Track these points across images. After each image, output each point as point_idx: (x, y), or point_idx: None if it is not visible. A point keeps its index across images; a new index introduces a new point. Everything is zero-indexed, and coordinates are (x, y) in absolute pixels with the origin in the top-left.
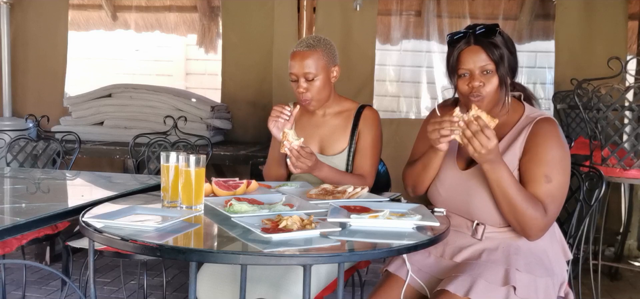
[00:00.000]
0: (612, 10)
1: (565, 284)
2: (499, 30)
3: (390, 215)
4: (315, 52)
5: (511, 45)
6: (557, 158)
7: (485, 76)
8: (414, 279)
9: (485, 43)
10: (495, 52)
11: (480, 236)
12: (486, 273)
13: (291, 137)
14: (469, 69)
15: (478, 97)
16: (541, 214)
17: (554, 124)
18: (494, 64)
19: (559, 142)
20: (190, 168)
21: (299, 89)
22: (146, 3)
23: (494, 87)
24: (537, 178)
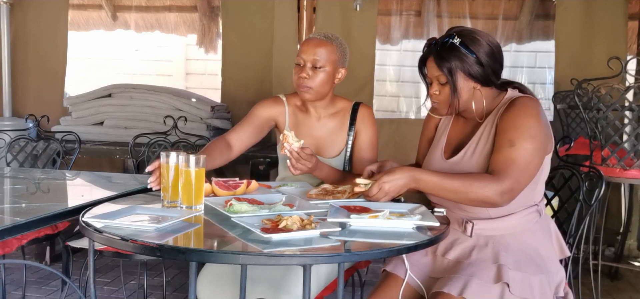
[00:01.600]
0: (612, 10)
1: (564, 284)
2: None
3: (390, 215)
4: (330, 45)
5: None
6: (526, 125)
7: (440, 85)
8: (412, 279)
9: (436, 55)
10: (443, 65)
11: (470, 232)
12: (478, 272)
13: (291, 139)
14: (429, 78)
15: (435, 104)
16: (492, 181)
17: (531, 100)
18: (444, 77)
19: (531, 112)
20: (190, 168)
21: (301, 74)
22: (146, 3)
23: (447, 96)
24: (501, 145)
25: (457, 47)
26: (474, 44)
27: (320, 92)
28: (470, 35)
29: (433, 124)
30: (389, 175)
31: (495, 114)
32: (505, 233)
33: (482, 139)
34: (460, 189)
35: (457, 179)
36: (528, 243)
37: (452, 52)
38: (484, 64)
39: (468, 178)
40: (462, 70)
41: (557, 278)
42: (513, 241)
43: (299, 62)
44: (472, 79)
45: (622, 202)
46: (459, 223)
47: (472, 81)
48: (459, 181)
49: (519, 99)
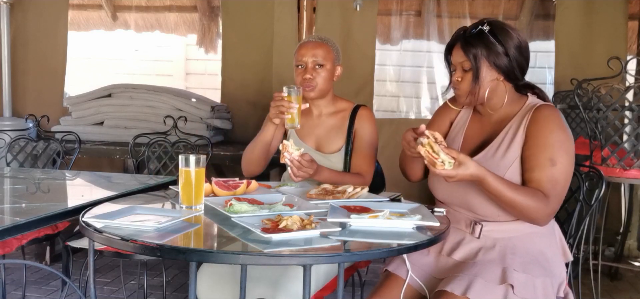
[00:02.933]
0: (612, 10)
1: (564, 285)
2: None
3: (390, 215)
4: (326, 45)
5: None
6: (560, 141)
7: (464, 72)
8: (413, 279)
9: (463, 41)
10: (469, 51)
11: (478, 234)
12: (483, 272)
13: (291, 148)
14: (454, 65)
15: (456, 91)
16: (543, 203)
17: (555, 110)
18: (469, 63)
19: (560, 125)
20: (190, 168)
21: (305, 74)
22: (146, 3)
23: (469, 84)
24: (542, 163)
25: (485, 35)
26: (503, 35)
27: (323, 89)
28: (501, 27)
29: (448, 118)
30: (466, 160)
31: (521, 120)
32: (513, 236)
33: (504, 143)
34: (517, 204)
35: (516, 193)
36: (534, 245)
37: (480, 39)
38: (511, 57)
39: (525, 195)
40: (487, 58)
41: (559, 280)
42: (520, 243)
43: (300, 64)
44: (496, 69)
45: (622, 202)
46: (467, 224)
47: (496, 72)
48: (518, 196)
49: (545, 110)
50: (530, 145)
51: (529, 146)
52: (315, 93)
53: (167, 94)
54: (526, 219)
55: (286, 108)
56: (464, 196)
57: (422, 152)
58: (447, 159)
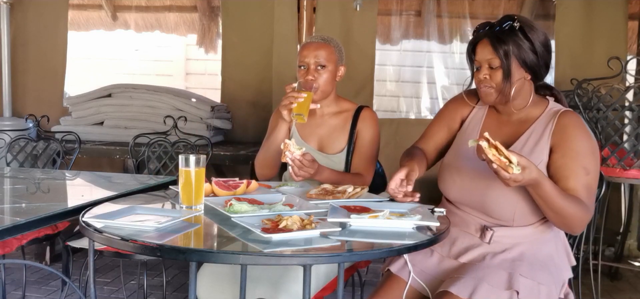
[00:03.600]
0: (612, 10)
1: (565, 286)
2: (510, 25)
3: (390, 215)
4: (329, 46)
5: (537, 42)
6: (590, 149)
7: (491, 70)
8: (415, 281)
9: (493, 37)
10: (499, 48)
11: (489, 240)
12: (489, 276)
13: (292, 147)
14: (479, 62)
15: (485, 88)
16: (585, 211)
17: (578, 116)
18: (499, 60)
19: (587, 132)
20: (190, 168)
21: (307, 75)
22: (146, 3)
23: (498, 82)
24: (576, 172)
25: (516, 32)
26: (532, 32)
27: (326, 90)
28: (529, 23)
29: (459, 114)
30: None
31: (545, 125)
32: (522, 241)
33: (527, 146)
34: (565, 211)
35: (566, 201)
36: (542, 251)
37: (511, 36)
38: (539, 54)
39: (573, 203)
40: (517, 57)
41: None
42: (529, 249)
43: (303, 65)
44: (525, 67)
45: (622, 202)
46: (477, 229)
47: (524, 70)
48: (567, 204)
49: (572, 117)
50: (562, 154)
51: (561, 155)
52: (317, 94)
53: (167, 94)
54: (566, 227)
55: (295, 98)
56: (480, 197)
57: (491, 157)
58: (516, 163)
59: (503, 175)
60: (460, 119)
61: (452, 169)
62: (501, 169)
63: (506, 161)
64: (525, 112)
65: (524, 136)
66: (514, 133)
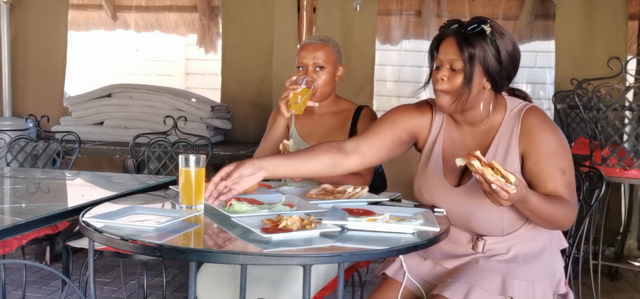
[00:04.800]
0: (612, 10)
1: (563, 281)
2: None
3: (390, 219)
4: (327, 47)
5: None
6: (560, 145)
7: (451, 71)
8: (411, 282)
9: (460, 37)
10: (465, 49)
11: (482, 249)
12: (482, 281)
13: (291, 147)
14: (440, 60)
15: (440, 91)
16: (570, 208)
17: (539, 111)
18: (462, 62)
19: (552, 128)
20: (190, 168)
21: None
22: (146, 3)
23: (456, 87)
24: (553, 174)
25: (485, 36)
26: (501, 40)
27: (325, 91)
28: (500, 29)
29: (415, 124)
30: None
31: (510, 130)
32: (515, 242)
33: (498, 157)
34: (553, 217)
35: (553, 206)
36: (536, 246)
37: (479, 39)
38: (503, 64)
39: (559, 206)
40: (481, 63)
41: (557, 276)
42: (522, 248)
43: (301, 66)
44: (487, 75)
45: (622, 202)
46: (468, 241)
47: (485, 78)
48: (554, 208)
49: (534, 116)
50: (535, 160)
51: (535, 162)
52: (316, 95)
53: (167, 94)
54: (555, 228)
55: (293, 89)
56: (465, 220)
57: (490, 177)
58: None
59: (503, 196)
60: (411, 131)
61: (429, 192)
62: (502, 190)
63: (504, 180)
64: (488, 121)
65: (491, 146)
66: (480, 145)
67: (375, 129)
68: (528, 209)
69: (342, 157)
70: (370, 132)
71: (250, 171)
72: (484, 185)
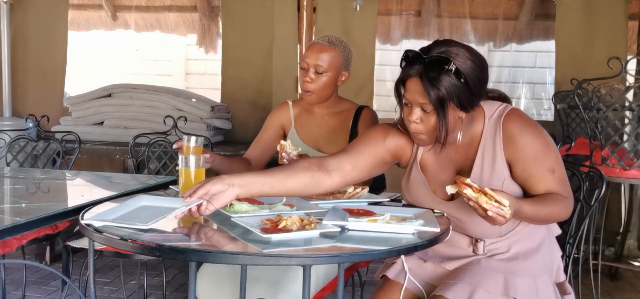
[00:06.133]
0: (612, 10)
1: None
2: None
3: (390, 219)
4: (333, 50)
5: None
6: (544, 145)
7: (423, 113)
8: (412, 283)
9: (425, 80)
10: (433, 93)
11: (482, 250)
12: (485, 281)
13: (289, 148)
14: (410, 101)
15: (416, 133)
16: (565, 202)
17: (518, 113)
18: (432, 106)
19: (533, 128)
20: (190, 168)
21: (305, 77)
22: (146, 3)
23: (431, 126)
24: (544, 176)
25: (450, 74)
26: (468, 69)
27: (322, 95)
28: (464, 55)
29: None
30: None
31: (492, 138)
32: (515, 240)
33: (485, 169)
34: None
35: (548, 206)
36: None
37: (444, 77)
38: (475, 92)
39: (554, 203)
40: (451, 99)
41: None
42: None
43: (303, 66)
44: (460, 107)
45: (622, 202)
46: (469, 243)
47: (459, 110)
48: (550, 208)
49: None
50: (523, 167)
51: (522, 168)
52: (312, 99)
53: (167, 94)
54: (555, 222)
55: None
56: (460, 226)
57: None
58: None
59: (499, 221)
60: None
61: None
62: (498, 216)
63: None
64: (468, 134)
65: (477, 159)
66: (466, 158)
67: (359, 147)
68: (524, 218)
69: (322, 176)
70: (353, 150)
71: (219, 187)
72: (479, 211)
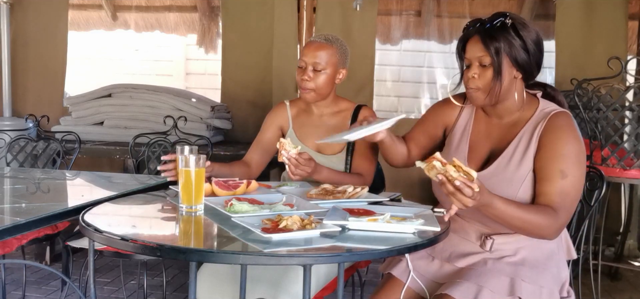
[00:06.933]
0: (612, 10)
1: (567, 283)
2: (502, 21)
3: (390, 219)
4: (331, 47)
5: (529, 40)
6: (574, 152)
7: (481, 68)
8: (415, 282)
9: (484, 34)
10: (490, 45)
11: (490, 248)
12: (491, 282)
13: (288, 146)
14: (469, 59)
15: (473, 88)
16: (552, 218)
17: (569, 117)
18: (490, 57)
19: (574, 135)
20: (190, 168)
21: (303, 76)
22: (146, 3)
23: (487, 81)
24: (553, 174)
25: (507, 29)
26: (524, 30)
27: (321, 93)
28: (521, 20)
29: (441, 121)
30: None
31: (534, 127)
32: (523, 245)
33: (517, 153)
34: (527, 225)
35: (526, 213)
36: (543, 252)
37: (502, 33)
38: (531, 52)
39: (535, 214)
40: (508, 54)
41: (563, 280)
42: (530, 253)
43: (301, 65)
44: (516, 66)
45: (622, 202)
46: (477, 237)
47: (515, 69)
48: (528, 216)
49: (559, 118)
50: (542, 155)
51: (541, 157)
52: (311, 96)
53: (167, 94)
54: (536, 237)
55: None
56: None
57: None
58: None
59: (467, 193)
60: (443, 125)
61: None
62: (465, 187)
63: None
64: (517, 115)
65: (513, 142)
66: (503, 138)
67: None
68: (496, 215)
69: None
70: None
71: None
72: (447, 185)
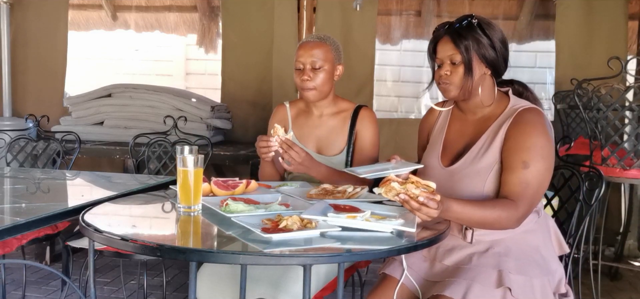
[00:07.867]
0: (612, 10)
1: (564, 281)
2: (469, 21)
3: (370, 217)
4: (324, 45)
5: (495, 38)
6: (538, 145)
7: (452, 66)
8: (408, 280)
9: (453, 34)
10: (460, 43)
11: (470, 239)
12: (479, 276)
13: (281, 132)
14: (440, 59)
15: (445, 84)
16: (512, 209)
17: (538, 114)
18: (460, 55)
19: (541, 129)
20: (188, 168)
21: (303, 76)
22: (146, 3)
23: (459, 78)
24: (515, 164)
25: (474, 28)
26: (490, 28)
27: (323, 90)
28: (486, 21)
29: (426, 129)
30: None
31: (501, 123)
32: (505, 237)
33: (484, 147)
34: (486, 221)
35: (483, 210)
36: (528, 244)
37: (470, 32)
38: (497, 50)
39: (493, 208)
40: (477, 51)
41: (557, 276)
42: (514, 244)
43: (299, 66)
44: (485, 62)
45: (622, 202)
46: (459, 229)
47: (484, 65)
48: (485, 212)
49: (527, 114)
50: (507, 147)
51: (506, 148)
52: (314, 95)
53: (167, 94)
54: (498, 229)
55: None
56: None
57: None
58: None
59: (432, 206)
60: (427, 132)
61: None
62: (431, 201)
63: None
64: (488, 111)
65: (483, 136)
66: (476, 133)
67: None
68: (455, 218)
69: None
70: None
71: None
72: (411, 203)
